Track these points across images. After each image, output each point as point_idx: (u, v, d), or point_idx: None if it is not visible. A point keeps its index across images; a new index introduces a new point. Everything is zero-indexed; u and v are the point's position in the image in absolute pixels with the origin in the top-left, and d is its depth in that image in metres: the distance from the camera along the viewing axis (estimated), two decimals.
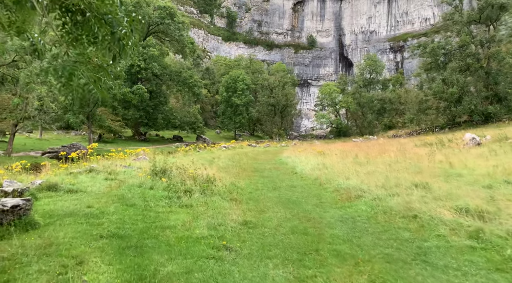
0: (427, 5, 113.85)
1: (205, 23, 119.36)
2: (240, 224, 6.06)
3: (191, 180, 9.43)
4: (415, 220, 6.09)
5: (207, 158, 19.25)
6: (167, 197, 8.10)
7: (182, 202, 7.78)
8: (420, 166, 12.08)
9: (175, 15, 42.88)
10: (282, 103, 71.19)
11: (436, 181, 8.82)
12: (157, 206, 7.37)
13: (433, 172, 10.26)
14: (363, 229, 5.93)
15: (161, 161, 12.04)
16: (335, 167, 13.43)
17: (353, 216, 6.88)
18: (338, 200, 8.57)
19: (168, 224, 6.07)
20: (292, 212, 7.25)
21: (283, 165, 17.37)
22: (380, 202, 7.54)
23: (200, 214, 6.83)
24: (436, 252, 4.67)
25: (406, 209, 6.63)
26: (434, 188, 8.00)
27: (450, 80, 41.03)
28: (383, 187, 8.98)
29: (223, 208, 7.40)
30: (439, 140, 26.06)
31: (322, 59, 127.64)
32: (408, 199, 7.31)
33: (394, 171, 11.22)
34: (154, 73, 42.67)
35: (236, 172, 13.17)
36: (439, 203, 6.60)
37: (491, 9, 41.06)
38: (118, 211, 6.84)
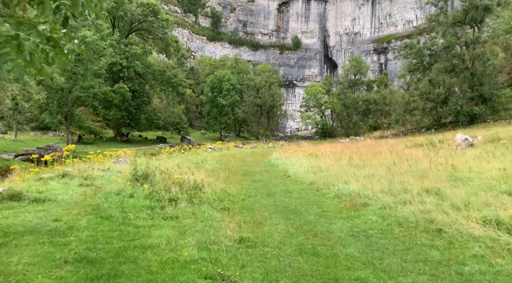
0: (410, 8, 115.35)
1: (190, 23, 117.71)
2: (236, 242, 5.11)
3: (177, 186, 8.42)
4: (440, 235, 5.28)
5: (193, 160, 18.19)
6: (149, 207, 7.08)
7: (167, 213, 6.78)
8: (421, 169, 11.38)
9: (159, 12, 41.51)
10: (268, 104, 70.42)
11: (447, 186, 8.09)
12: (137, 219, 6.35)
13: (438, 176, 9.55)
14: (381, 246, 5.08)
15: (143, 164, 10.96)
16: (330, 170, 12.63)
17: (364, 228, 6.03)
18: (342, 208, 7.72)
19: (150, 242, 5.08)
20: (293, 224, 6.35)
21: (274, 168, 16.48)
22: (391, 212, 6.72)
23: (188, 228, 5.85)
24: (483, 281, 3.84)
25: (426, 221, 5.82)
26: (447, 194, 7.25)
27: (436, 80, 41.06)
28: (389, 193, 8.19)
29: (214, 220, 6.44)
30: (429, 141, 25.67)
31: (307, 60, 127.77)
32: (423, 208, 6.52)
33: (395, 175, 10.47)
34: (136, 72, 41.18)
35: (225, 176, 12.20)
36: (461, 213, 5.83)
37: (475, 10, 41.32)
38: (90, 225, 5.79)
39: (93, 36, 26.37)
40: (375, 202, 7.55)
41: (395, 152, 19.53)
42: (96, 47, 27.36)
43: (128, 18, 40.61)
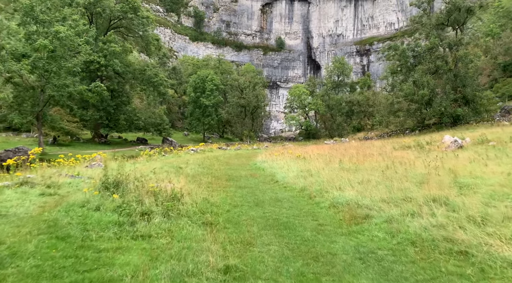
0: (391, 10, 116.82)
1: (172, 22, 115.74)
2: (220, 273, 4.11)
3: (151, 196, 7.34)
4: (466, 259, 4.43)
5: (173, 164, 17.03)
6: (117, 222, 5.99)
7: (137, 230, 5.71)
8: (419, 174, 10.64)
9: (139, 9, 39.90)
10: (253, 104, 69.40)
11: (454, 194, 7.30)
12: (100, 239, 5.26)
13: (439, 182, 8.78)
14: (398, 275, 4.17)
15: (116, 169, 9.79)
16: (321, 174, 11.75)
17: (372, 248, 5.13)
18: (341, 220, 6.81)
19: (111, 274, 4.02)
20: (288, 243, 5.40)
21: (260, 171, 15.51)
22: (399, 226, 5.85)
23: (162, 252, 4.82)
24: None
25: (443, 239, 4.98)
26: (458, 204, 6.45)
27: (421, 82, 41.02)
28: (391, 202, 7.35)
29: (194, 239, 5.42)
30: (416, 143, 25.25)
31: (290, 61, 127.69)
32: (435, 221, 5.68)
33: (393, 180, 9.67)
34: (115, 71, 39.45)
35: (208, 182, 11.16)
36: (484, 229, 5.02)
37: (458, 12, 41.52)
38: (40, 250, 4.68)
39: (67, 32, 24.78)
40: (378, 214, 6.68)
41: (384, 154, 18.89)
42: (70, 44, 25.73)
43: (107, 15, 38.86)
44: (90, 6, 36.81)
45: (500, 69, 54.38)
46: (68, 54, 26.43)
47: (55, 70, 24.99)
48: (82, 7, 36.23)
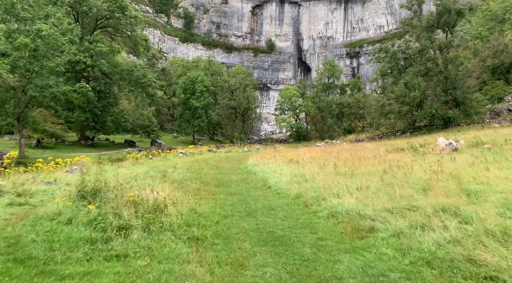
0: (381, 13, 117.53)
1: (161, 23, 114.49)
2: None
3: (132, 207, 6.58)
4: None
5: (160, 168, 16.22)
6: (89, 239, 5.23)
7: (112, 249, 4.96)
8: (419, 179, 10.07)
9: (127, 8, 38.85)
10: (243, 106, 68.69)
11: (463, 203, 6.72)
12: (67, 261, 4.50)
13: (444, 188, 8.21)
14: None
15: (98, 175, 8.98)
16: (316, 180, 11.11)
17: (382, 270, 4.48)
18: (342, 234, 6.16)
19: None
20: (285, 263, 4.71)
21: (252, 176, 14.81)
22: (410, 242, 5.22)
23: (138, 278, 4.09)
24: None
25: (464, 259, 4.35)
26: (470, 215, 5.85)
27: (412, 84, 40.89)
28: (395, 212, 6.73)
29: (177, 260, 4.69)
30: (410, 145, 24.85)
31: (281, 63, 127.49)
32: (449, 236, 5.07)
33: (394, 186, 9.07)
34: (102, 72, 38.34)
35: (196, 188, 10.41)
36: (509, 247, 4.40)
37: (448, 14, 41.56)
38: None
39: (50, 30, 23.71)
40: (383, 226, 6.04)
41: (379, 157, 18.38)
42: (54, 42, 24.66)
43: (93, 14, 37.76)
44: (75, 5, 35.68)
45: (489, 71, 54.71)
46: (51, 53, 25.33)
47: (37, 70, 23.90)
48: (67, 5, 35.13)
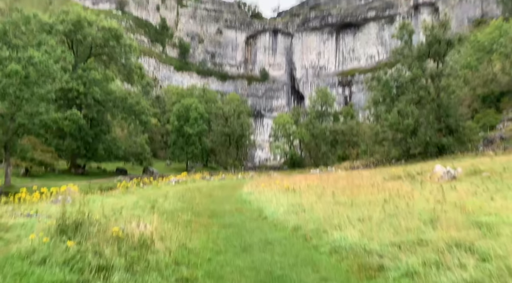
0: (372, 44, 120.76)
1: (157, 52, 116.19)
2: None
3: (115, 243, 5.97)
4: None
5: (150, 197, 15.53)
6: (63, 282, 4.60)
7: None
8: (422, 209, 9.56)
9: (121, 37, 39.24)
10: (237, 133, 68.57)
11: (476, 237, 6.21)
12: None
13: (452, 220, 7.71)
14: None
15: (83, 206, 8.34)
16: (315, 210, 10.54)
17: None
18: (348, 272, 5.57)
19: None
20: None
21: (247, 205, 14.17)
22: (424, 282, 4.67)
23: None
24: None
25: None
26: (487, 251, 5.34)
27: (405, 111, 41.13)
28: (404, 246, 6.18)
29: None
30: (406, 173, 24.43)
31: (274, 91, 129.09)
32: (469, 277, 4.53)
33: (398, 217, 8.55)
34: (95, 99, 38.10)
35: (187, 220, 9.77)
36: None
37: (438, 44, 42.52)
38: None
39: (42, 57, 23.58)
40: (393, 263, 5.48)
41: (377, 185, 17.89)
42: (45, 69, 24.46)
43: (88, 42, 38.02)
44: (70, 34, 35.92)
45: (480, 100, 55.60)
46: (43, 80, 25.06)
47: (27, 97, 23.54)
48: (62, 34, 35.35)
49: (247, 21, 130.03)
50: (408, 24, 48.27)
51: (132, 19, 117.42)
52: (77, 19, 35.60)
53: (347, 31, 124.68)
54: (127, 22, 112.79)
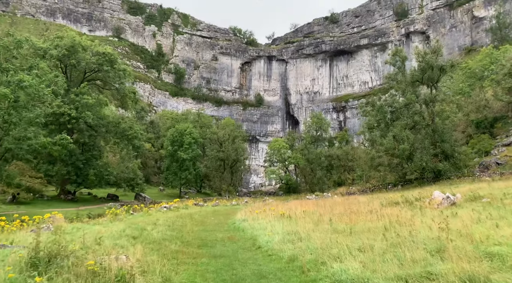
0: (365, 70, 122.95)
1: (152, 78, 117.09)
2: None
3: (89, 279, 5.30)
4: None
5: (139, 225, 14.75)
6: None
7: None
8: (426, 237, 8.98)
9: (116, 62, 39.26)
10: (232, 158, 67.84)
11: (489, 270, 5.64)
12: None
13: (459, 250, 7.14)
14: None
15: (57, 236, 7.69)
16: (312, 238, 9.90)
17: None
18: None
19: None
20: None
21: (240, 233, 13.44)
22: None
23: None
24: None
25: None
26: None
27: (401, 136, 41.05)
28: (411, 281, 5.58)
29: None
30: (404, 198, 23.88)
31: (269, 116, 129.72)
32: None
33: (400, 247, 7.95)
34: (87, 124, 37.58)
35: (175, 251, 9.06)
36: None
37: (431, 70, 43.08)
38: None
39: (32, 81, 23.22)
40: None
41: (375, 212, 17.27)
42: (35, 93, 24.05)
43: (82, 67, 37.92)
44: (64, 58, 35.82)
45: (473, 126, 55.87)
46: (32, 104, 24.60)
47: (15, 121, 22.97)
48: (56, 59, 35.25)
49: (242, 47, 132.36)
50: (401, 50, 49.14)
51: (128, 46, 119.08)
52: (71, 44, 35.59)
53: (341, 58, 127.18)
54: (123, 49, 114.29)
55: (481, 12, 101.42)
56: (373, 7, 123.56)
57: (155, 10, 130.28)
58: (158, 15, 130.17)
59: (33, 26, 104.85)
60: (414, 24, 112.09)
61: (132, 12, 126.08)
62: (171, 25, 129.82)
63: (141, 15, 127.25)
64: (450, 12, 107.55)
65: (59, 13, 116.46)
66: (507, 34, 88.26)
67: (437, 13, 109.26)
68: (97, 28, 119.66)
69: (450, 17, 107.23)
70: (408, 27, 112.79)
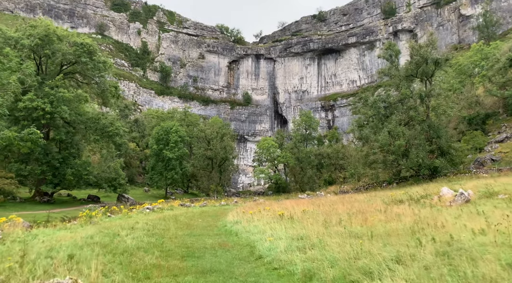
0: (353, 69, 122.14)
1: (137, 76, 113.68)
2: None
3: None
4: None
5: (113, 229, 12.44)
6: None
7: None
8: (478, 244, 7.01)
9: (95, 53, 36.47)
10: (220, 156, 65.31)
11: None
12: None
13: None
14: None
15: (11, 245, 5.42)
16: (328, 245, 7.80)
17: None
18: None
19: None
20: None
21: (233, 238, 11.26)
22: None
23: None
24: None
25: None
26: None
27: (396, 132, 39.48)
28: None
29: None
30: (409, 196, 22.15)
31: (258, 115, 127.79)
32: None
33: (453, 258, 5.95)
34: (64, 119, 34.75)
35: (149, 265, 6.85)
36: None
37: (426, 64, 41.67)
38: None
39: None
40: None
41: (385, 211, 15.37)
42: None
43: (58, 59, 35.06)
44: (38, 49, 32.92)
45: (466, 122, 54.96)
46: None
47: None
48: (28, 49, 32.37)
49: (229, 46, 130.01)
50: (394, 44, 47.74)
51: (112, 43, 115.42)
52: (45, 33, 32.70)
53: (329, 57, 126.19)
54: (107, 46, 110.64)
55: (468, 10, 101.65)
56: (361, 5, 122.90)
57: (139, 7, 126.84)
58: (143, 12, 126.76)
59: (11, 22, 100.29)
60: (401, 22, 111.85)
61: (116, 8, 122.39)
62: (156, 22, 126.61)
63: (126, 12, 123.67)
64: (437, 10, 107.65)
65: (39, 9, 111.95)
66: (494, 32, 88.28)
67: (425, 11, 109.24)
68: (80, 25, 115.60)
69: (437, 16, 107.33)
70: (396, 25, 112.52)
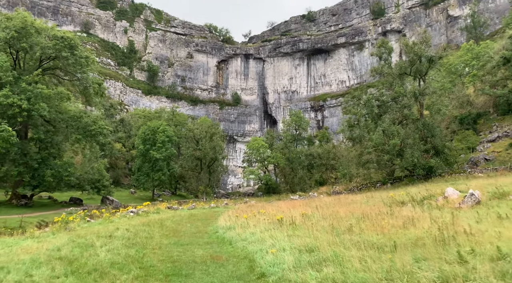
0: (342, 69, 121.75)
1: (124, 76, 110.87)
2: None
3: None
4: None
5: (87, 238, 10.75)
6: None
7: None
8: None
9: (77, 48, 34.34)
10: (209, 157, 63.40)
11: None
12: None
13: None
14: None
15: None
16: (346, 259, 6.35)
17: None
18: None
19: None
20: None
21: (227, 248, 9.70)
22: None
23: None
24: None
25: None
26: None
27: (390, 131, 38.45)
28: None
29: None
30: (410, 197, 20.90)
31: (247, 116, 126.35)
32: None
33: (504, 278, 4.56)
34: (43, 117, 32.64)
35: None
36: None
37: (419, 63, 40.85)
38: None
39: None
40: None
41: (390, 214, 14.02)
42: None
43: (36, 52, 32.93)
44: (14, 42, 30.72)
45: (457, 122, 54.54)
46: None
47: None
48: (3, 41, 30.17)
49: (218, 45, 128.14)
50: (387, 42, 46.88)
51: (98, 42, 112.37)
52: (22, 25, 30.53)
53: (318, 57, 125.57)
54: (92, 45, 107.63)
55: (456, 11, 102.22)
56: (350, 5, 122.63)
57: (126, 5, 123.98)
58: (130, 11, 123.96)
59: None
60: (390, 23, 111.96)
61: (102, 6, 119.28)
62: (143, 21, 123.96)
63: (112, 10, 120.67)
64: (426, 11, 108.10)
65: (21, 6, 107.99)
66: (482, 33, 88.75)
67: (413, 12, 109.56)
68: (64, 22, 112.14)
69: (426, 16, 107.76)
70: (385, 25, 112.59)
